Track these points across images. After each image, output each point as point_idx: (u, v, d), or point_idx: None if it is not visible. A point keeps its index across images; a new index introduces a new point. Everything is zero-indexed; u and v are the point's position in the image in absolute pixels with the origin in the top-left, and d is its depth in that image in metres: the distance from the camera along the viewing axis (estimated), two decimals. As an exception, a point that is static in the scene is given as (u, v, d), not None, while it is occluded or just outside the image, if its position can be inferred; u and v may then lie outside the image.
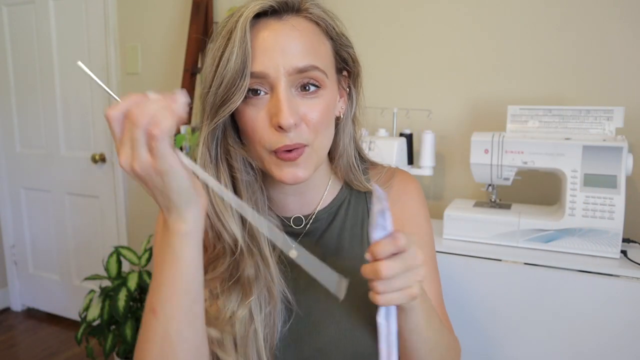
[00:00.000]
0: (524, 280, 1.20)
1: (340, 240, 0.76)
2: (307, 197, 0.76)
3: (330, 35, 0.68)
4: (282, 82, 0.62)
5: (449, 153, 1.69)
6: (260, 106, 0.63)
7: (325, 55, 0.66)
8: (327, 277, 0.56)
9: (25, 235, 2.90)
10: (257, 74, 0.62)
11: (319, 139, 0.66)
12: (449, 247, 1.30)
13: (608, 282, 1.13)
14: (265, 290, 0.69)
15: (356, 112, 0.76)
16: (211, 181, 0.55)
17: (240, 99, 0.62)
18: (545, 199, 1.52)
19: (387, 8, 1.73)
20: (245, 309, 0.67)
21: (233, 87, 0.61)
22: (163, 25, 2.26)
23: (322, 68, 0.64)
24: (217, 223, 0.68)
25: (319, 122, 0.65)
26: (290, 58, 0.62)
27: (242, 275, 0.68)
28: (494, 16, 1.58)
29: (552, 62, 1.52)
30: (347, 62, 0.71)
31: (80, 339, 1.98)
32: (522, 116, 1.35)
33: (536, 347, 1.20)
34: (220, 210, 0.67)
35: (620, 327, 1.12)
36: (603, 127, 1.27)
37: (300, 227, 0.76)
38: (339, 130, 0.74)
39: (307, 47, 0.63)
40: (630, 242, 1.29)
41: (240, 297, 0.68)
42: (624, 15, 1.42)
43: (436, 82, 1.69)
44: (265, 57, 0.62)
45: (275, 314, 0.69)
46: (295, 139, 0.63)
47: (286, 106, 0.61)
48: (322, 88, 0.65)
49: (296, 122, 0.62)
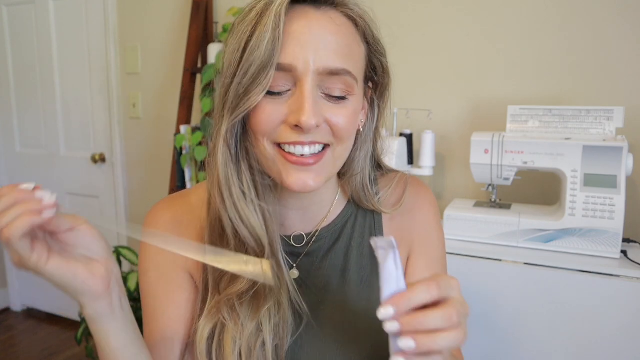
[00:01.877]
0: (524, 280, 1.20)
1: (346, 263, 0.68)
2: (310, 213, 0.69)
3: (367, 39, 0.61)
4: (310, 78, 0.54)
5: (449, 153, 1.69)
6: (280, 101, 0.56)
7: (359, 60, 0.60)
8: None
9: (25, 235, 2.90)
10: (284, 66, 0.54)
11: (341, 146, 0.59)
12: (449, 247, 1.29)
13: (608, 282, 1.12)
14: (276, 301, 0.64)
15: (378, 127, 0.69)
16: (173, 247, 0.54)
17: (263, 92, 0.54)
18: (545, 199, 1.52)
19: (387, 8, 1.72)
20: (255, 321, 0.62)
21: (257, 77, 0.54)
22: (163, 25, 2.26)
23: (355, 74, 0.58)
24: (243, 229, 0.61)
25: (344, 129, 0.58)
26: (323, 54, 0.55)
27: (260, 285, 0.62)
28: (494, 16, 1.58)
29: (552, 62, 1.51)
30: (377, 71, 0.65)
31: (80, 339, 1.98)
32: (522, 116, 1.35)
33: (536, 346, 1.20)
34: (245, 214, 0.60)
35: (620, 327, 1.12)
36: (603, 127, 1.26)
37: (301, 245, 0.69)
38: (356, 146, 0.67)
39: (343, 47, 0.56)
40: (630, 242, 1.29)
41: (252, 309, 0.63)
42: (624, 15, 1.42)
43: (436, 82, 1.69)
44: (297, 48, 0.54)
45: (284, 325, 0.64)
46: (313, 137, 0.56)
47: (310, 104, 0.54)
48: (351, 95, 0.58)
49: (318, 124, 0.55)
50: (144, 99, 2.38)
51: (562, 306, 1.17)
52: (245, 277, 0.61)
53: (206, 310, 0.64)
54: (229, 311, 0.62)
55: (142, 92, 2.37)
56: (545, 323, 1.19)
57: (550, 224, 1.25)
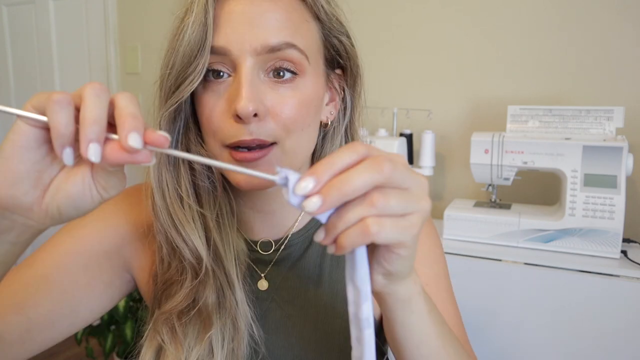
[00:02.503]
0: (524, 280, 1.20)
1: (320, 273, 0.61)
2: (278, 218, 0.61)
3: (317, 15, 0.54)
4: (247, 61, 0.49)
5: (449, 153, 1.69)
6: (221, 92, 0.51)
7: (308, 36, 0.52)
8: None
9: (25, 235, 2.90)
10: (217, 49, 0.49)
11: (291, 139, 0.52)
12: (449, 247, 1.29)
13: (608, 282, 1.12)
14: (229, 322, 0.55)
15: (353, 120, 0.61)
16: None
17: (198, 80, 0.50)
18: (545, 199, 1.52)
19: (387, 8, 1.72)
20: (203, 345, 0.54)
21: (190, 64, 0.49)
22: (163, 25, 2.25)
23: (302, 48, 0.51)
24: (176, 237, 0.55)
25: (291, 118, 0.51)
26: (260, 32, 0.49)
27: (204, 303, 0.55)
28: (494, 16, 1.58)
29: (552, 62, 1.51)
30: (340, 53, 0.57)
31: (80, 339, 1.98)
32: (522, 116, 1.35)
33: (536, 346, 1.20)
34: (179, 220, 0.54)
35: (620, 327, 1.12)
36: (603, 127, 1.26)
37: (269, 252, 0.61)
38: (326, 140, 0.60)
39: (283, 22, 0.50)
40: (630, 242, 1.29)
41: (198, 330, 0.54)
42: (624, 15, 1.42)
43: (436, 82, 1.69)
44: (228, 29, 0.49)
45: (239, 352, 0.55)
46: (256, 133, 0.49)
47: (246, 89, 0.48)
48: (300, 75, 0.51)
49: (258, 112, 0.48)
50: (144, 99, 2.38)
51: (562, 306, 1.17)
52: (184, 291, 0.55)
53: (147, 331, 0.57)
54: (168, 332, 0.55)
55: (142, 92, 2.38)
56: (545, 323, 1.19)
57: (550, 224, 1.25)
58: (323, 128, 0.59)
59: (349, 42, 0.57)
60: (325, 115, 0.59)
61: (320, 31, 0.55)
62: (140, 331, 0.58)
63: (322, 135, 0.60)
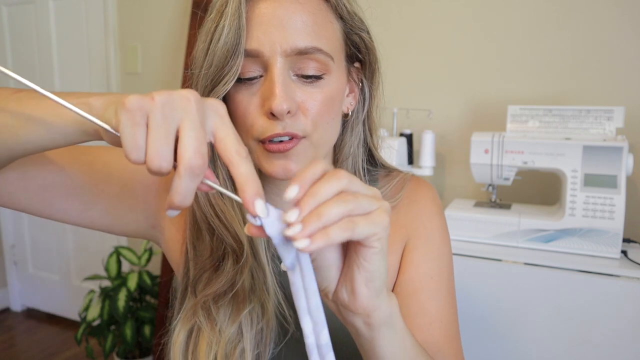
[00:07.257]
0: (524, 281, 1.20)
1: None
2: None
3: (341, 14, 0.58)
4: (278, 62, 0.53)
5: (449, 153, 1.69)
6: (253, 90, 0.55)
7: (333, 37, 0.57)
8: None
9: (25, 235, 2.90)
10: (250, 51, 0.53)
11: (318, 132, 0.56)
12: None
13: (608, 282, 1.12)
14: (259, 304, 0.59)
15: (371, 111, 0.66)
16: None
17: (233, 81, 0.53)
18: (545, 199, 1.52)
19: (387, 8, 1.72)
20: (235, 325, 0.58)
21: (225, 67, 0.53)
22: (163, 25, 2.26)
23: (328, 51, 0.55)
24: (218, 224, 0.59)
25: (319, 113, 0.55)
26: (290, 35, 0.53)
27: (241, 286, 0.59)
28: (494, 16, 1.58)
29: (552, 62, 1.51)
30: (360, 48, 0.62)
31: (80, 339, 1.98)
32: (522, 116, 1.35)
33: (536, 346, 1.20)
34: (220, 208, 0.59)
35: (620, 327, 1.12)
36: (603, 127, 1.26)
37: None
38: (346, 130, 0.65)
39: (311, 25, 0.54)
40: (630, 242, 1.29)
41: (231, 312, 0.59)
42: (624, 15, 1.42)
43: (436, 82, 1.69)
44: (260, 32, 0.53)
45: (268, 332, 0.59)
46: (289, 127, 0.54)
47: (280, 89, 0.52)
48: (327, 75, 0.56)
49: (291, 110, 0.53)
50: (144, 99, 2.38)
51: (562, 306, 1.17)
52: (224, 278, 0.59)
53: (182, 313, 0.61)
54: (205, 315, 0.59)
55: (142, 92, 2.35)
56: (545, 323, 1.19)
57: (551, 224, 1.25)
58: (343, 118, 0.64)
59: (369, 37, 0.61)
60: (346, 106, 0.63)
61: (343, 29, 0.59)
62: (140, 329, 0.58)
63: (342, 125, 0.64)
